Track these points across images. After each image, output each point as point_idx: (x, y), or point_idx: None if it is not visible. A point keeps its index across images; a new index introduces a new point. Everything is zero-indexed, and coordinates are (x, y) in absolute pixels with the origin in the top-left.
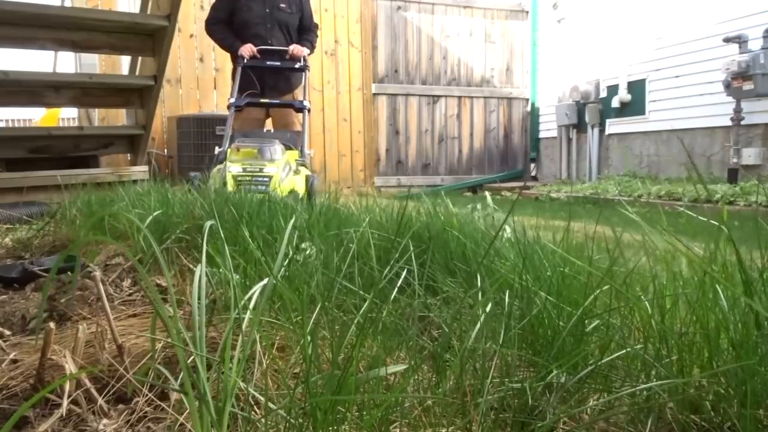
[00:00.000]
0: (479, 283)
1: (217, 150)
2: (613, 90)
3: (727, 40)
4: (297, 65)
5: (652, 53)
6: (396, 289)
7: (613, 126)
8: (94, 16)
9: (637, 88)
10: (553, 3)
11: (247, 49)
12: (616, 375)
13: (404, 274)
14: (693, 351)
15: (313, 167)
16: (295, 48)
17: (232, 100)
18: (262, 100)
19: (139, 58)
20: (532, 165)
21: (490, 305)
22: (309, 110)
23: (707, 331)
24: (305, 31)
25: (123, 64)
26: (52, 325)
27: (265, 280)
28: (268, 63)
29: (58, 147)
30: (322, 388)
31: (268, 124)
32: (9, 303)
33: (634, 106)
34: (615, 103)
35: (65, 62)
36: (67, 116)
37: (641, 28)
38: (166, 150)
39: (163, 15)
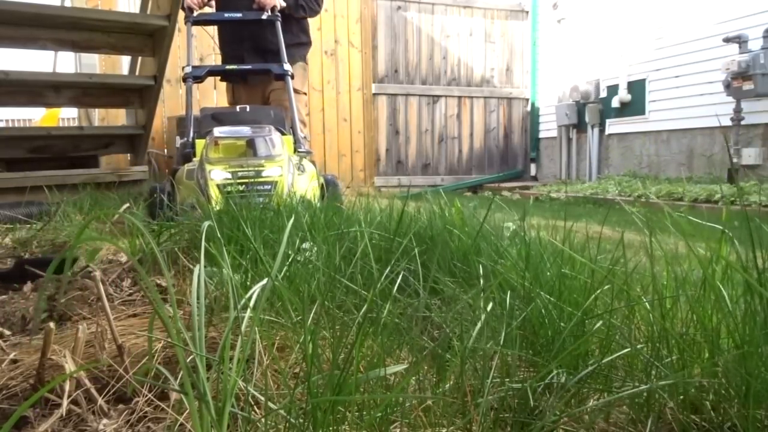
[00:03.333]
0: (480, 283)
1: (178, 142)
2: (613, 90)
3: (727, 40)
4: (264, 16)
5: (652, 53)
6: (396, 289)
7: (613, 126)
8: (94, 16)
9: (637, 88)
10: (553, 3)
11: None
12: (616, 375)
13: (404, 273)
14: (693, 350)
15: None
16: None
17: (188, 69)
18: (227, 67)
19: (139, 58)
20: (532, 165)
21: (490, 305)
22: (292, 76)
23: (708, 331)
24: None
25: (123, 64)
26: (52, 325)
27: (265, 280)
28: (226, 15)
29: (58, 147)
30: (323, 387)
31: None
32: (9, 303)
33: (634, 106)
34: (615, 103)
35: (65, 62)
36: (67, 116)
37: (641, 28)
38: (166, 150)
39: (163, 15)
